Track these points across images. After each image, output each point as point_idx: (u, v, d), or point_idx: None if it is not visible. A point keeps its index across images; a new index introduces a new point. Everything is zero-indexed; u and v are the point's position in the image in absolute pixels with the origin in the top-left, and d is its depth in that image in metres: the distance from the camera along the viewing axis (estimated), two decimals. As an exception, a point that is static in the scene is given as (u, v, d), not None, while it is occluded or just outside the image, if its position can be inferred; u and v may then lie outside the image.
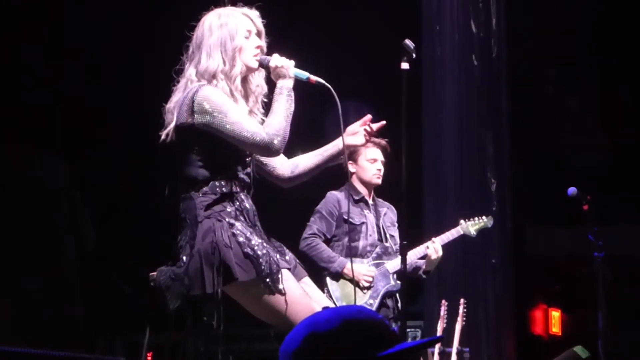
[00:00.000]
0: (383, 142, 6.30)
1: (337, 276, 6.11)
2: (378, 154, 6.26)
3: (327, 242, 6.23)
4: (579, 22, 8.73)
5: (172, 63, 4.34)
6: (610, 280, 6.33)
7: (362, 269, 6.12)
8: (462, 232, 6.42)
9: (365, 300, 6.10)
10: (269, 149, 4.02)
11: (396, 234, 6.37)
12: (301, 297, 4.02)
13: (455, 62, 8.14)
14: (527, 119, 8.67)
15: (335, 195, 6.29)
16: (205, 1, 4.31)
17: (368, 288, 6.12)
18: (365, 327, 2.02)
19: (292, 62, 4.16)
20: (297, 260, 4.26)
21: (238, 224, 4.00)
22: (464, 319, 6.75)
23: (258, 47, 4.20)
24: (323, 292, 6.03)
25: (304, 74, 4.18)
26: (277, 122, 4.03)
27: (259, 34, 4.24)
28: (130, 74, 7.94)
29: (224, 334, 4.27)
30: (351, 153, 6.25)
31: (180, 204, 4.09)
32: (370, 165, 6.25)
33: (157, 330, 4.36)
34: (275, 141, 4.00)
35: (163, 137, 4.13)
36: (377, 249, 6.22)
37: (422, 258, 6.27)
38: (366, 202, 6.29)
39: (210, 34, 4.15)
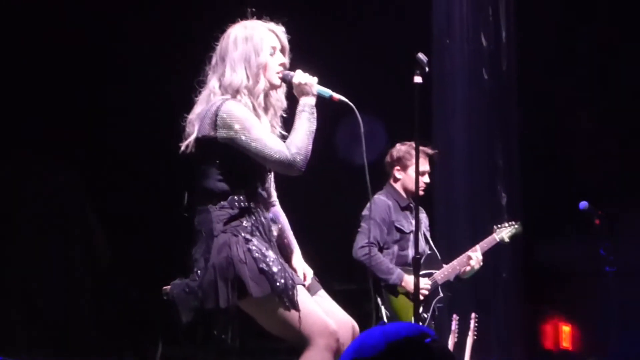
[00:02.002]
0: (431, 151, 6.24)
1: (394, 288, 6.02)
2: (427, 166, 6.21)
3: (380, 250, 6.12)
4: (589, 35, 8.72)
5: (189, 73, 4.34)
6: (621, 295, 6.31)
7: (420, 282, 6.01)
8: (497, 240, 6.33)
9: (419, 313, 6.01)
10: (291, 167, 4.02)
11: (431, 239, 6.32)
12: (315, 312, 4.01)
13: (465, 76, 8.13)
14: (537, 131, 8.65)
15: (385, 201, 6.18)
16: (227, 13, 4.31)
17: (423, 302, 6.02)
18: (410, 349, 2.00)
19: (315, 79, 4.16)
20: (312, 271, 4.27)
21: (254, 240, 4.00)
22: (475, 333, 6.71)
23: (282, 64, 4.19)
24: (378, 303, 6.00)
25: (327, 92, 4.17)
26: (299, 140, 4.03)
27: (283, 51, 4.24)
28: (147, 88, 7.93)
29: (238, 347, 4.28)
30: (401, 159, 6.23)
31: (196, 216, 4.09)
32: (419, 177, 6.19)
33: (168, 344, 4.35)
34: (298, 159, 4.01)
35: (183, 148, 4.13)
36: (426, 258, 6.12)
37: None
38: (411, 209, 6.18)
39: (235, 48, 4.14)
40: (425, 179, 6.20)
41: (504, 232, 6.38)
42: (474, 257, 6.10)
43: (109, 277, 8.25)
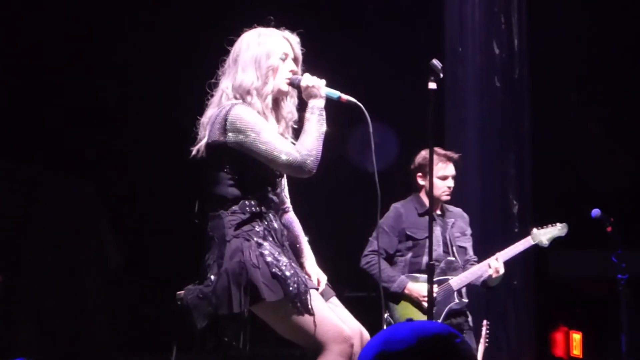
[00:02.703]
0: (455, 156, 6.21)
1: (397, 297, 6.00)
2: (449, 170, 6.16)
3: (390, 258, 6.09)
4: (601, 44, 8.72)
5: (200, 78, 4.36)
6: (633, 302, 6.29)
7: (422, 289, 5.93)
8: (533, 243, 6.22)
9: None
10: (302, 169, 4.02)
11: (467, 244, 6.27)
12: (329, 317, 4.01)
13: (477, 83, 8.14)
14: (549, 139, 8.66)
15: (398, 209, 6.17)
16: (241, 19, 4.33)
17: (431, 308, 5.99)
18: (440, 347, 2.01)
19: (323, 82, 4.17)
20: (325, 278, 4.28)
21: (266, 244, 4.00)
22: (487, 340, 6.70)
23: (292, 71, 4.22)
24: (385, 311, 5.96)
25: (335, 93, 4.18)
26: (310, 142, 4.04)
27: (295, 60, 4.26)
28: (155, 84, 7.96)
29: (248, 354, 4.28)
30: (422, 166, 6.23)
31: (208, 222, 4.10)
32: (441, 182, 6.12)
33: (179, 350, 4.35)
34: (308, 161, 4.01)
35: (194, 152, 4.15)
36: (442, 264, 6.06)
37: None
38: (433, 216, 6.15)
39: (247, 50, 4.18)
40: (449, 182, 6.15)
41: (542, 234, 6.26)
42: (493, 265, 6.04)
43: (120, 282, 8.28)
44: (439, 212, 6.23)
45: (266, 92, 4.14)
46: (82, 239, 8.28)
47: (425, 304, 5.91)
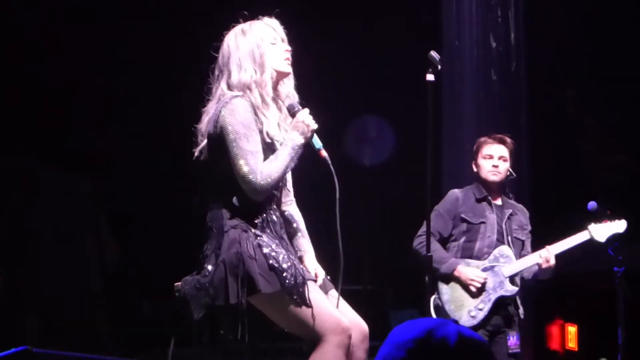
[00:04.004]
0: (499, 136, 6.18)
1: (447, 278, 5.96)
2: (495, 150, 6.11)
3: (444, 241, 6.05)
4: (598, 37, 8.74)
5: (194, 75, 4.37)
6: (630, 295, 6.30)
7: (472, 272, 5.92)
8: (589, 237, 6.10)
9: (476, 304, 5.92)
10: (254, 190, 4.00)
11: (525, 239, 6.21)
12: (327, 308, 4.02)
13: (474, 77, 8.15)
14: (546, 133, 8.67)
15: (456, 194, 6.14)
16: (224, 17, 4.34)
17: (479, 292, 5.95)
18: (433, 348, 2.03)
19: (316, 126, 4.14)
20: (323, 272, 4.28)
21: (264, 236, 4.02)
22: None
23: (287, 50, 4.23)
24: (434, 295, 5.93)
25: (318, 143, 4.15)
26: (274, 169, 4.02)
27: (282, 41, 4.27)
28: (153, 82, 7.97)
29: (246, 347, 4.27)
30: (473, 152, 6.21)
31: (207, 212, 4.11)
32: (485, 161, 6.10)
33: (180, 345, 4.35)
34: (263, 184, 3.99)
35: (197, 154, 4.16)
36: (495, 252, 6.02)
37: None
38: (489, 202, 6.10)
39: (237, 48, 4.19)
40: (494, 161, 6.10)
41: (601, 230, 6.14)
42: (543, 255, 5.98)
43: (117, 277, 8.30)
44: (499, 201, 6.18)
45: (265, 80, 4.14)
46: (81, 234, 8.31)
47: (474, 288, 5.93)
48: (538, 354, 8.63)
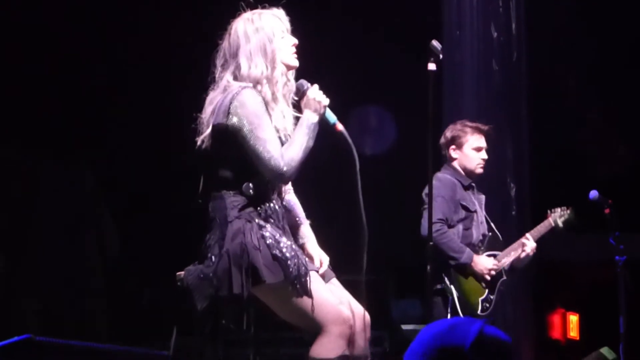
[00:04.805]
0: (486, 127, 6.13)
1: (464, 269, 5.88)
2: (483, 142, 6.07)
3: (449, 228, 5.95)
4: (599, 30, 8.73)
5: (197, 63, 4.36)
6: (631, 284, 6.30)
7: (488, 263, 5.90)
8: (552, 225, 6.15)
9: (485, 295, 5.94)
10: (281, 176, 4.03)
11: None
12: (328, 299, 4.03)
13: (475, 67, 8.13)
14: (547, 123, 8.67)
15: (450, 179, 6.02)
16: (228, 6, 4.32)
17: (491, 282, 5.93)
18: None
19: (327, 101, 4.15)
20: (328, 258, 4.29)
21: (268, 226, 4.02)
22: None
23: (294, 44, 4.21)
24: (445, 283, 5.87)
25: (332, 118, 4.15)
26: (294, 152, 4.03)
27: (288, 32, 4.25)
28: (154, 75, 7.97)
29: (253, 337, 4.29)
30: (455, 138, 6.10)
31: (210, 203, 4.11)
32: (475, 154, 6.05)
33: (182, 334, 4.36)
34: (288, 170, 4.01)
35: (199, 143, 4.15)
36: (488, 240, 6.02)
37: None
38: (473, 189, 6.07)
39: (248, 41, 4.14)
40: (483, 154, 6.06)
41: (558, 217, 6.19)
42: (528, 244, 6.00)
43: (119, 266, 8.31)
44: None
45: (277, 77, 4.12)
46: (81, 224, 8.32)
47: (489, 277, 5.91)
48: (539, 343, 8.64)
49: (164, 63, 7.96)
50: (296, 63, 4.22)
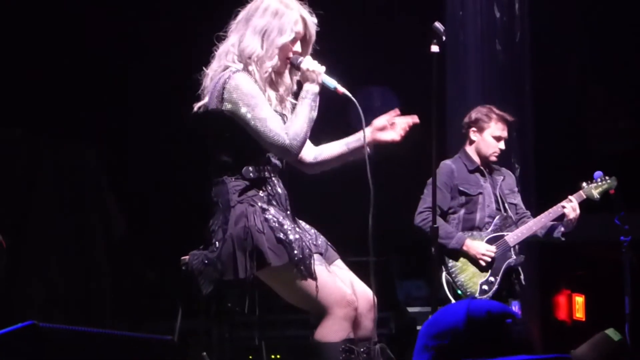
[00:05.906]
0: (511, 118, 6.12)
1: (455, 253, 5.90)
2: (504, 132, 6.07)
3: (443, 215, 5.96)
4: (603, 6, 8.70)
5: (200, 48, 4.34)
6: (637, 264, 6.29)
7: (481, 247, 5.88)
8: (584, 197, 6.06)
9: (486, 278, 5.91)
10: (287, 151, 4.02)
11: (517, 200, 6.18)
12: (333, 282, 4.02)
13: (478, 47, 8.11)
14: (550, 103, 8.64)
15: (449, 166, 6.05)
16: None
17: (489, 265, 5.90)
18: (489, 324, 2.03)
19: (323, 68, 4.12)
20: (329, 243, 4.26)
21: (271, 209, 4.01)
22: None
23: (295, 52, 4.15)
24: (442, 270, 5.88)
25: (332, 83, 4.13)
26: (299, 126, 4.01)
27: (307, 41, 4.18)
28: (157, 57, 7.95)
29: (258, 319, 4.29)
30: (478, 121, 6.14)
31: (212, 188, 4.10)
32: (494, 142, 6.04)
33: (187, 317, 4.36)
34: (294, 144, 4.00)
35: (195, 109, 4.13)
36: (496, 220, 5.99)
37: (556, 219, 6.01)
38: (482, 172, 6.06)
39: (262, 16, 4.08)
40: (501, 144, 6.05)
41: (594, 188, 6.10)
42: (569, 206, 5.92)
43: (124, 249, 8.32)
44: (488, 169, 6.14)
45: (267, 66, 4.08)
46: (86, 206, 8.33)
47: (483, 262, 5.90)
48: (545, 325, 8.63)
49: (171, 44, 7.93)
50: (283, 69, 4.15)
